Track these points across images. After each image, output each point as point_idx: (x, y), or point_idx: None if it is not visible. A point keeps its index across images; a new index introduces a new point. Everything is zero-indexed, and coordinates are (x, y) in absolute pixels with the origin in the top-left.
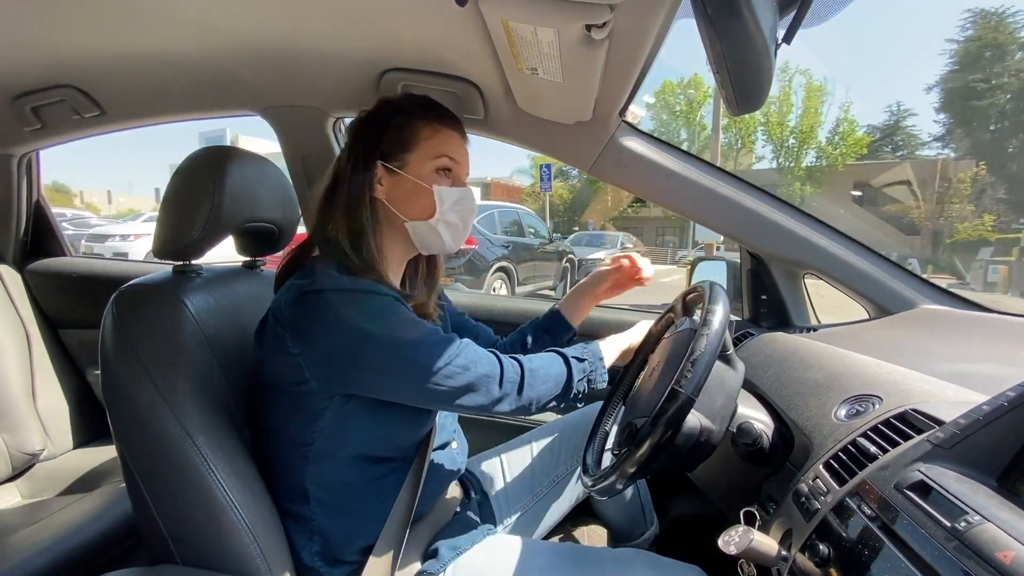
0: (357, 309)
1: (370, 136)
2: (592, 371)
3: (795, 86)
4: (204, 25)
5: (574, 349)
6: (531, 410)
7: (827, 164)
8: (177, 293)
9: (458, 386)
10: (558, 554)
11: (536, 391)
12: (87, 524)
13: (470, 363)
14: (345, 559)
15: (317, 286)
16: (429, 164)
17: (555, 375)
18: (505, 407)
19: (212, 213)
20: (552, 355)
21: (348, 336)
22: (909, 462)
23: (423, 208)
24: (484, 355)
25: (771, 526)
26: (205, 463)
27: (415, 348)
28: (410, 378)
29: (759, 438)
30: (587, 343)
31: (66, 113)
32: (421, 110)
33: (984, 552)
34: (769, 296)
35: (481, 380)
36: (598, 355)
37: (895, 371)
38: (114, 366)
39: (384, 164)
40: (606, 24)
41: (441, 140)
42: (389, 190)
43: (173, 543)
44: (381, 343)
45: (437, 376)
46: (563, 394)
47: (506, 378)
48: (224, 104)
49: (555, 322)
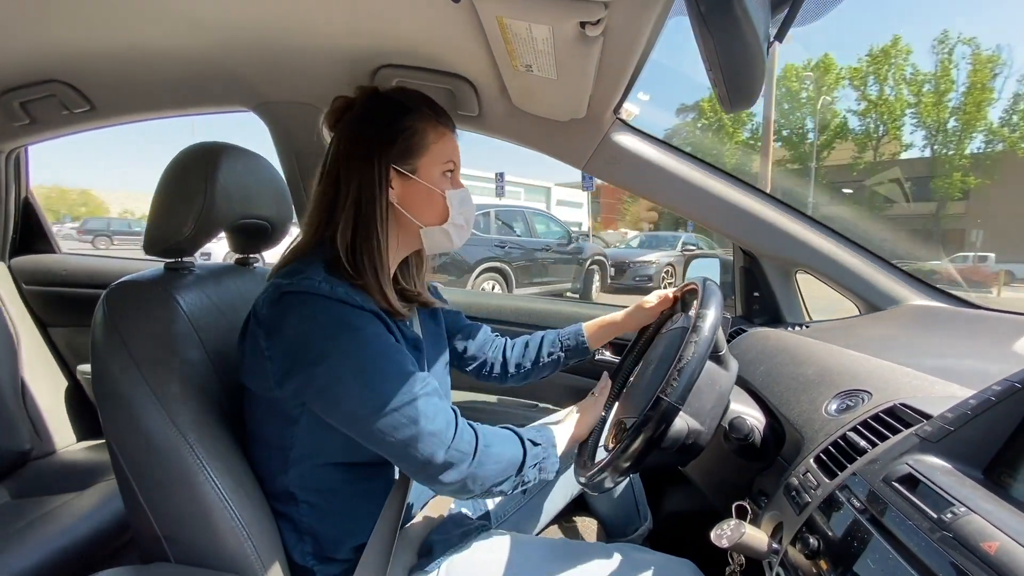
0: (327, 317)
1: (378, 137)
2: (544, 459)
3: (956, 59)
4: (196, 20)
5: (529, 431)
6: (473, 490)
7: (1001, 150)
8: (169, 290)
9: (400, 439)
10: (552, 550)
11: (485, 470)
12: (78, 523)
13: (420, 416)
14: (337, 558)
15: (295, 287)
16: (438, 168)
17: (509, 457)
18: (447, 478)
19: (205, 209)
20: (508, 433)
21: (313, 347)
22: (897, 455)
23: (436, 213)
24: (441, 411)
25: (762, 519)
26: (198, 461)
27: (368, 382)
28: (352, 413)
29: (751, 433)
30: (540, 428)
31: (55, 108)
32: (426, 110)
33: (970, 543)
34: (761, 293)
35: (427, 438)
36: (551, 442)
37: (884, 366)
38: (105, 364)
39: (396, 168)
40: (600, 21)
41: (446, 144)
42: (402, 195)
43: (166, 541)
44: (337, 364)
45: (381, 421)
46: (511, 480)
47: (455, 446)
48: (216, 100)
49: (576, 341)
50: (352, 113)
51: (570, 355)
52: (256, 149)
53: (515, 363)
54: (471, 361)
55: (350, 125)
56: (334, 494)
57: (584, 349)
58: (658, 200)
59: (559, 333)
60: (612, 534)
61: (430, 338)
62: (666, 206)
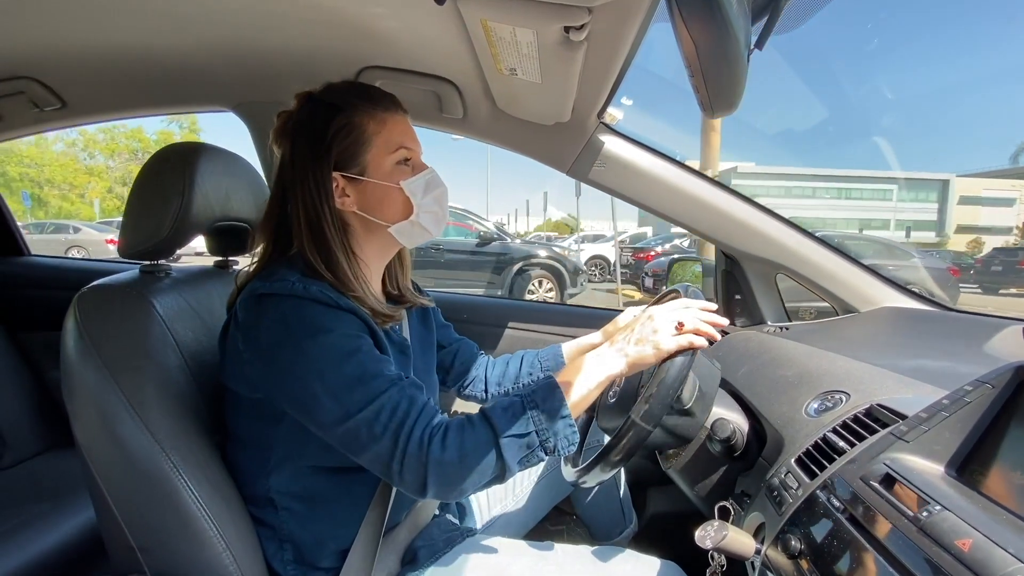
0: (298, 319)
1: (313, 144)
2: (545, 442)
3: None
4: (174, 17)
5: (516, 413)
6: (448, 496)
7: None
8: (144, 294)
9: (364, 446)
10: (538, 553)
11: (455, 475)
12: (48, 534)
13: (383, 421)
14: (319, 565)
15: (269, 289)
16: (388, 160)
17: (476, 472)
18: (414, 484)
19: (182, 211)
20: (482, 433)
21: (283, 350)
22: (875, 455)
23: (399, 208)
24: (411, 414)
25: (745, 520)
26: (174, 469)
27: (331, 390)
28: (319, 421)
29: (733, 435)
30: (547, 393)
31: (24, 106)
32: (359, 102)
33: (944, 540)
34: (743, 296)
35: (388, 445)
36: (558, 413)
37: (862, 368)
38: (76, 370)
39: (343, 175)
40: (584, 26)
41: (391, 131)
42: (358, 199)
43: (140, 552)
44: (307, 370)
45: (343, 428)
46: (499, 477)
47: (419, 452)
48: (194, 99)
49: (555, 363)
50: (291, 124)
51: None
52: None
53: (495, 383)
54: (456, 378)
55: (288, 137)
56: (316, 499)
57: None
58: (641, 204)
59: (538, 354)
60: (598, 537)
61: (418, 342)
62: (649, 210)
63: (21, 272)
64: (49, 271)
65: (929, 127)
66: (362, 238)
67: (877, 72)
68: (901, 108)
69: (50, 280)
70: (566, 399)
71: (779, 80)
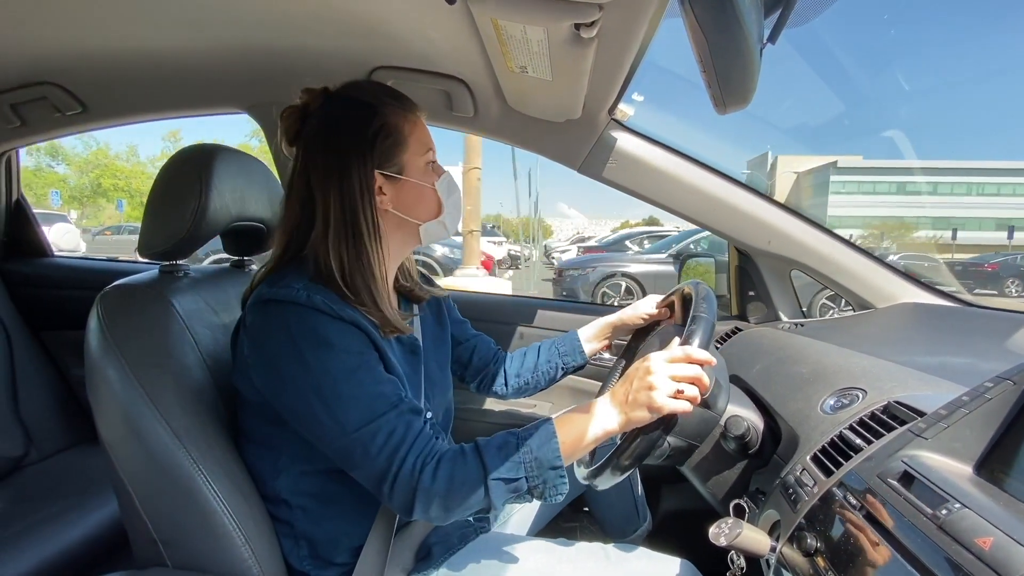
0: (301, 330)
1: (356, 142)
2: (534, 488)
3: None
4: (189, 21)
5: (509, 456)
6: (432, 522)
7: None
8: (164, 293)
9: (357, 463)
10: (552, 550)
11: (435, 516)
12: (73, 527)
13: (378, 443)
14: (335, 561)
15: (275, 295)
16: (420, 160)
17: (460, 504)
18: (401, 506)
19: (199, 212)
20: (472, 470)
21: (284, 361)
22: (892, 452)
23: (430, 208)
24: (406, 439)
25: (760, 518)
26: (194, 465)
27: (328, 407)
28: (316, 435)
29: (748, 432)
30: (543, 440)
31: (47, 111)
32: (392, 102)
33: (964, 538)
34: (757, 292)
35: (380, 466)
36: (550, 464)
37: (878, 364)
38: (99, 368)
39: (383, 173)
40: (595, 23)
41: (421, 131)
42: (395, 198)
43: (162, 546)
44: (306, 383)
45: (338, 445)
46: (484, 511)
47: (410, 481)
48: (209, 102)
49: (572, 348)
50: (313, 122)
51: (567, 365)
52: None
53: (514, 374)
54: (474, 374)
55: (316, 135)
56: (327, 498)
57: (580, 355)
58: (653, 201)
59: (555, 343)
60: (611, 534)
61: (431, 340)
62: (661, 206)
63: (46, 273)
64: (72, 272)
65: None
66: (389, 237)
67: None
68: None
69: (73, 280)
70: (560, 450)
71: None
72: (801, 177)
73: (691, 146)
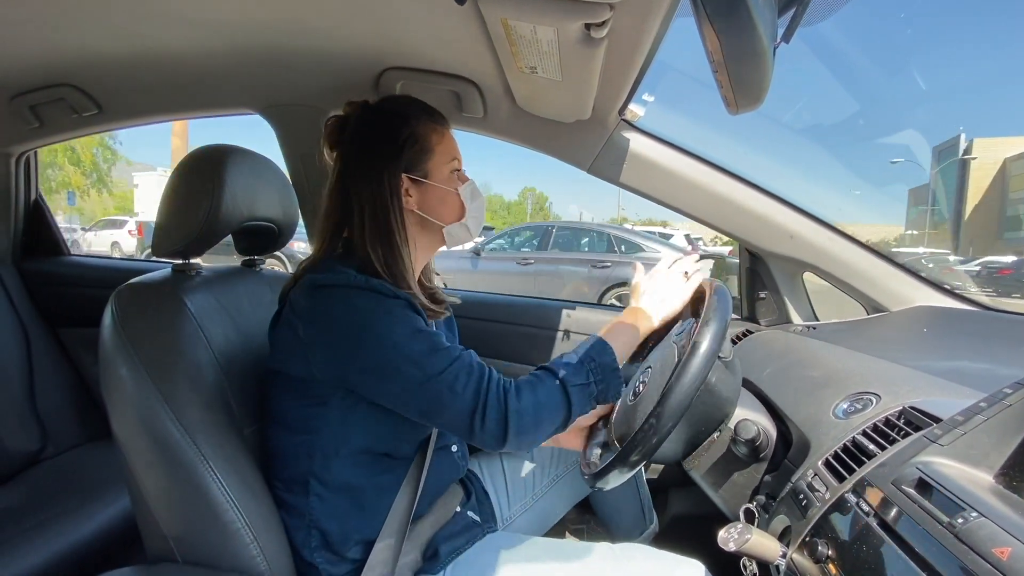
0: (365, 304)
1: (384, 150)
2: (600, 391)
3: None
4: (203, 23)
5: (576, 367)
6: (520, 447)
7: None
8: (177, 292)
9: (445, 404)
10: (558, 551)
11: (526, 436)
12: (88, 522)
13: (460, 379)
14: (345, 555)
15: (331, 280)
16: (445, 168)
17: (548, 418)
18: (495, 433)
19: (211, 212)
20: (549, 386)
21: (353, 331)
22: (907, 459)
23: (453, 211)
24: (477, 372)
25: (770, 523)
26: (204, 462)
27: (408, 357)
28: (398, 388)
29: (758, 436)
30: (600, 349)
31: (64, 112)
32: (423, 115)
33: (981, 548)
34: (768, 294)
35: (468, 400)
36: (610, 366)
37: (893, 369)
38: (113, 365)
39: (410, 177)
40: (605, 23)
41: (447, 143)
42: (419, 200)
43: (173, 541)
44: (381, 344)
45: (424, 391)
46: (563, 424)
47: (499, 402)
48: (223, 103)
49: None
50: (351, 130)
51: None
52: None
53: None
54: None
55: (352, 142)
56: (347, 489)
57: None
58: (664, 202)
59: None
60: (618, 536)
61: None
62: (672, 208)
63: (62, 271)
64: (88, 270)
65: None
66: (417, 239)
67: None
68: None
69: (89, 279)
70: (616, 353)
71: None
72: (1009, 163)
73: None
